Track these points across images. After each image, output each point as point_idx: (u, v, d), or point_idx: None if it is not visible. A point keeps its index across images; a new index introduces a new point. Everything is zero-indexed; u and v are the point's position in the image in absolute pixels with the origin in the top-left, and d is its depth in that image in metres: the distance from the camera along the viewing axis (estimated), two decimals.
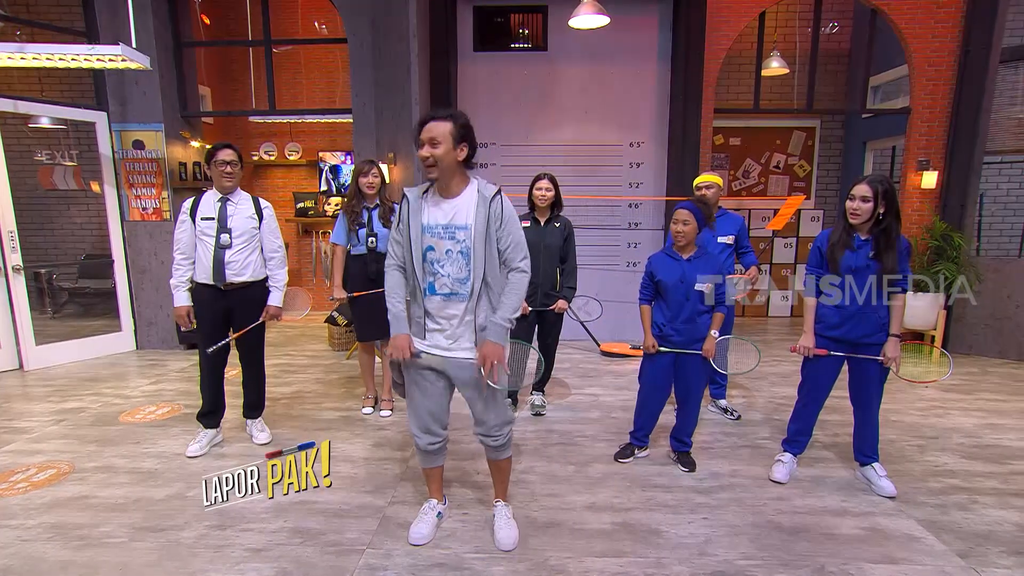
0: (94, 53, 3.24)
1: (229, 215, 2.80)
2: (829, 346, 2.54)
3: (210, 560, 2.09)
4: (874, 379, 2.54)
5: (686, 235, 2.61)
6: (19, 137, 4.87)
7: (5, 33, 4.73)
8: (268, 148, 6.68)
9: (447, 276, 1.97)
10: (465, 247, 1.96)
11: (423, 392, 2.12)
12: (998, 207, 5.50)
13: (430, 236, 1.97)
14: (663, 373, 2.76)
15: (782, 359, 4.85)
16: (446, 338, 2.02)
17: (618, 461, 2.86)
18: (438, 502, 2.31)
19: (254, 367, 3.09)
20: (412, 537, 2.19)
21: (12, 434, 3.26)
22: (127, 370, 4.55)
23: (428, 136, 1.91)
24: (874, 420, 2.62)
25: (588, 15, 4.20)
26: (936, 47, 4.91)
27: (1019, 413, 3.64)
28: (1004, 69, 4.87)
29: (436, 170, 1.94)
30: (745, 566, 2.06)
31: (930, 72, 4.96)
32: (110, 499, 2.53)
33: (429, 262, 1.98)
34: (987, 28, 4.66)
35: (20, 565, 2.08)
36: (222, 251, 2.77)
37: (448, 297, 1.98)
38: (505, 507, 2.28)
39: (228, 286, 2.82)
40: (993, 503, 2.52)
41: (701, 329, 2.67)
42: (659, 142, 5.15)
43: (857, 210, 2.40)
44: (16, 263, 4.43)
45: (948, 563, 2.09)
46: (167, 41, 4.86)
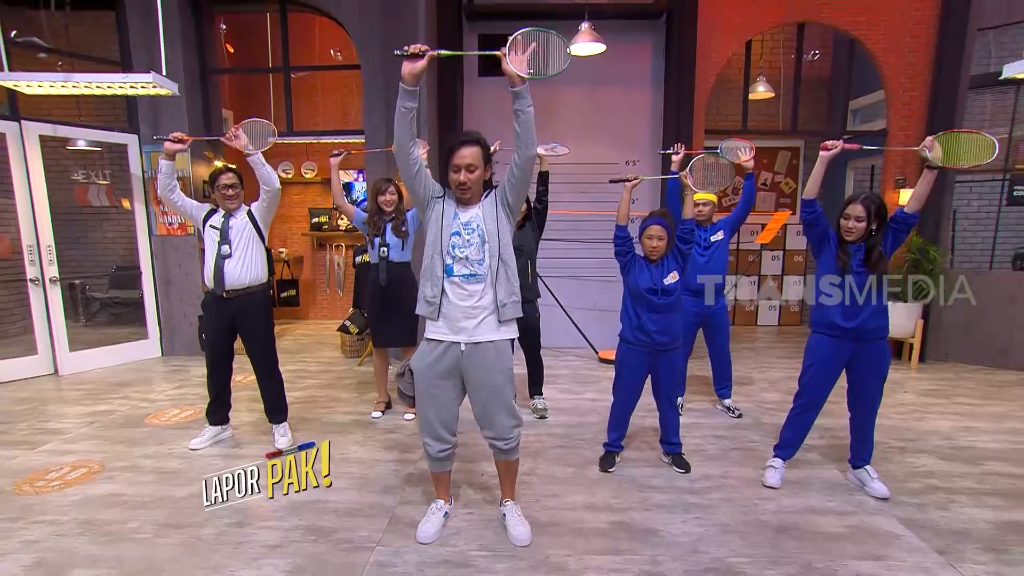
0: (128, 81, 3.28)
1: (230, 227, 2.90)
2: (836, 343, 2.47)
3: (229, 556, 2.09)
4: (876, 376, 2.49)
5: (660, 249, 2.58)
6: (58, 158, 4.93)
7: (49, 64, 4.81)
8: (285, 167, 6.73)
9: (466, 259, 1.97)
10: (481, 231, 1.98)
11: (435, 401, 2.10)
12: (970, 222, 5.53)
13: (455, 225, 1.99)
14: (638, 377, 2.73)
15: (771, 366, 4.84)
16: (467, 318, 1.99)
17: (607, 472, 2.79)
18: (444, 503, 2.31)
19: (266, 374, 3.08)
20: (420, 536, 2.18)
21: (48, 435, 3.28)
22: (153, 375, 4.57)
23: (465, 163, 1.92)
24: (873, 423, 2.57)
25: (586, 43, 4.24)
26: (910, 74, 4.95)
27: (992, 417, 3.63)
28: (972, 94, 4.90)
29: (469, 192, 1.97)
30: (736, 563, 2.06)
31: (905, 97, 4.99)
32: (136, 497, 2.54)
33: (452, 246, 1.98)
34: (956, 57, 4.70)
35: (54, 558, 2.09)
36: (222, 260, 2.86)
37: (467, 279, 1.98)
38: (515, 505, 2.27)
39: (229, 293, 2.89)
40: (969, 502, 2.51)
41: (675, 325, 2.65)
42: (653, 160, 5.18)
43: (852, 229, 2.39)
44: (53, 275, 4.47)
45: (927, 559, 2.08)
46: (194, 69, 4.93)
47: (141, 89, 3.40)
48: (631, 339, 2.69)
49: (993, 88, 4.95)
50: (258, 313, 2.99)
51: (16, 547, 2.15)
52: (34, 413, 3.66)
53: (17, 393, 4.09)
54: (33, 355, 4.50)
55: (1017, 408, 3.80)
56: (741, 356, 5.03)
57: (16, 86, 3.27)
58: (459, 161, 1.93)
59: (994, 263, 5.28)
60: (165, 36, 3.80)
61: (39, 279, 4.42)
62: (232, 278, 2.87)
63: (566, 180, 5.09)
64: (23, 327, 4.66)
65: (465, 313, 1.99)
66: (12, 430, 3.36)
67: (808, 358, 2.60)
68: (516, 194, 2.02)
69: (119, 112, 4.97)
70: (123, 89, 3.37)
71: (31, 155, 4.34)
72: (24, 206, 4.34)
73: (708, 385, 3.92)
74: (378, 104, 4.81)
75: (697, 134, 4.95)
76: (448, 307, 2.01)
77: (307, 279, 7.04)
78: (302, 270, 7.00)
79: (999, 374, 4.63)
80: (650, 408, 3.53)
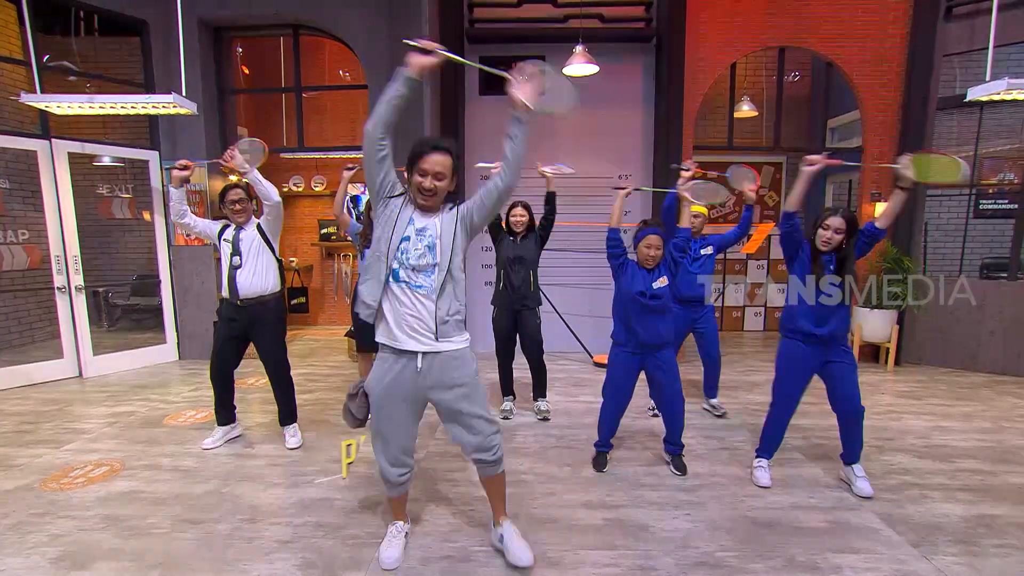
0: (150, 101, 3.31)
1: (241, 240, 2.92)
2: (804, 347, 2.47)
3: (242, 550, 2.09)
4: (849, 371, 2.47)
5: (656, 259, 2.56)
6: (85, 173, 4.95)
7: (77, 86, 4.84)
8: (297, 180, 6.76)
9: (412, 267, 1.77)
10: (432, 242, 1.78)
11: (394, 424, 1.90)
12: (940, 234, 5.56)
13: (409, 229, 1.80)
14: (628, 378, 2.69)
15: (755, 370, 4.85)
16: (414, 329, 1.79)
17: (600, 472, 2.75)
18: (404, 523, 2.11)
19: (277, 379, 3.08)
20: (384, 561, 1.97)
21: (73, 434, 3.28)
22: (171, 378, 4.56)
23: (435, 169, 1.75)
24: (861, 420, 2.53)
25: (580, 64, 4.28)
26: (883, 95, 5.00)
27: (963, 416, 3.64)
28: (940, 115, 4.95)
29: (433, 200, 1.80)
30: (724, 557, 2.06)
31: (879, 117, 5.04)
32: (155, 494, 2.53)
33: (401, 251, 1.77)
34: (925, 80, 4.76)
35: (77, 551, 2.09)
36: (234, 271, 2.88)
37: (412, 288, 1.78)
38: (511, 525, 2.07)
39: (243, 302, 2.90)
40: (941, 497, 2.52)
41: (664, 328, 2.62)
42: (645, 174, 5.21)
43: (830, 240, 2.39)
44: (79, 283, 4.47)
45: (902, 552, 2.09)
46: (212, 89, 4.96)
47: (162, 109, 3.42)
48: (622, 341, 2.67)
49: (959, 109, 5.01)
50: (270, 321, 2.99)
51: (43, 540, 2.16)
52: (60, 414, 3.65)
53: (45, 394, 4.08)
54: (59, 359, 4.49)
55: (986, 408, 3.80)
56: (728, 360, 5.03)
57: (47, 107, 3.30)
58: (428, 166, 1.75)
59: (963, 272, 5.30)
60: (185, 59, 3.83)
61: (66, 287, 4.42)
62: (244, 287, 2.88)
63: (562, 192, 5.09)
64: (50, 332, 4.66)
65: (410, 322, 1.79)
66: (39, 430, 3.36)
67: (780, 366, 2.58)
68: (482, 217, 1.84)
69: (142, 130, 4.99)
70: (145, 109, 3.40)
71: (60, 171, 4.36)
72: (53, 218, 4.36)
73: (696, 387, 3.93)
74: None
75: (686, 150, 4.98)
76: (390, 312, 1.81)
77: (316, 287, 7.05)
78: (312, 278, 7.01)
79: (969, 376, 4.64)
80: (642, 410, 3.57)
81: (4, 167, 4.77)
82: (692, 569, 1.99)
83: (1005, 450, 3.07)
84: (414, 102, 5.07)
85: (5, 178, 4.77)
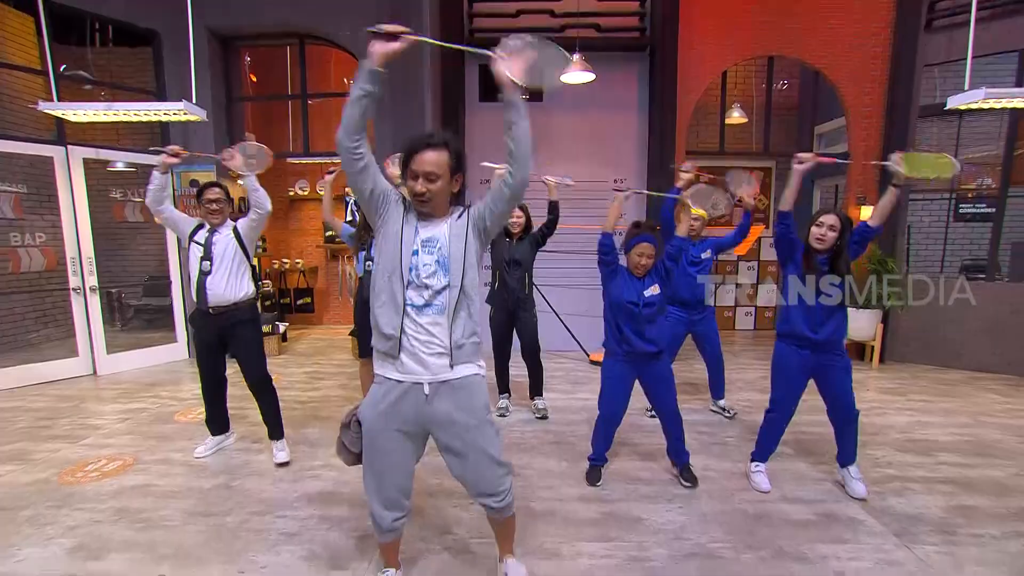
0: (162, 109, 3.31)
1: (213, 243, 2.68)
2: (798, 351, 2.40)
3: (251, 542, 2.10)
4: (844, 374, 2.40)
5: (648, 267, 2.41)
6: (99, 178, 4.94)
7: (92, 94, 4.84)
8: (302, 184, 6.75)
9: (424, 285, 1.51)
10: (443, 255, 1.51)
11: (390, 461, 1.58)
12: (922, 236, 5.59)
13: (416, 242, 1.53)
14: (623, 388, 2.53)
15: (747, 367, 4.86)
16: (427, 354, 1.52)
17: (594, 486, 2.55)
18: (396, 570, 1.81)
19: (259, 390, 2.83)
20: None
21: (87, 430, 3.28)
22: (181, 376, 4.56)
23: (424, 169, 1.46)
24: (855, 422, 2.46)
25: (577, 72, 4.28)
26: (867, 103, 5.02)
27: (943, 412, 3.65)
28: (921, 123, 4.98)
29: (429, 206, 1.51)
30: (715, 548, 2.07)
31: (864, 123, 5.06)
32: (167, 487, 2.54)
33: (411, 267, 1.50)
34: (907, 89, 4.79)
35: (92, 543, 2.09)
36: (204, 276, 2.64)
37: (420, 309, 1.51)
38: (516, 562, 1.83)
39: (214, 310, 2.67)
40: (922, 489, 2.54)
41: (658, 334, 2.46)
42: (639, 179, 5.22)
43: (824, 237, 2.29)
44: (93, 284, 4.48)
45: (886, 542, 2.11)
46: (221, 97, 4.97)
47: (173, 115, 3.42)
48: (615, 350, 2.50)
49: (940, 117, 5.03)
50: (245, 329, 2.73)
51: (59, 532, 2.16)
52: (75, 410, 3.66)
53: (61, 392, 4.09)
54: (74, 357, 4.49)
55: (965, 404, 3.82)
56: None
57: (64, 115, 3.30)
58: (417, 167, 1.47)
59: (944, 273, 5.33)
60: (195, 68, 3.84)
61: (80, 288, 4.43)
62: (215, 294, 2.64)
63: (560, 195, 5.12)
64: (66, 331, 4.65)
65: (418, 347, 1.52)
66: (56, 425, 3.36)
67: (775, 372, 2.49)
68: (496, 220, 1.56)
69: (154, 136, 4.99)
70: (157, 116, 3.40)
71: (75, 176, 4.38)
72: (68, 222, 4.37)
73: (692, 386, 3.94)
74: (386, 128, 4.85)
75: (679, 155, 5.00)
76: (408, 342, 1.52)
77: (321, 287, 7.04)
78: (317, 279, 7.01)
79: (950, 373, 4.66)
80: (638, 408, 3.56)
81: (22, 172, 4.76)
82: (685, 560, 2.00)
83: (983, 444, 3.08)
84: (414, 110, 5.08)
85: (23, 183, 4.76)
